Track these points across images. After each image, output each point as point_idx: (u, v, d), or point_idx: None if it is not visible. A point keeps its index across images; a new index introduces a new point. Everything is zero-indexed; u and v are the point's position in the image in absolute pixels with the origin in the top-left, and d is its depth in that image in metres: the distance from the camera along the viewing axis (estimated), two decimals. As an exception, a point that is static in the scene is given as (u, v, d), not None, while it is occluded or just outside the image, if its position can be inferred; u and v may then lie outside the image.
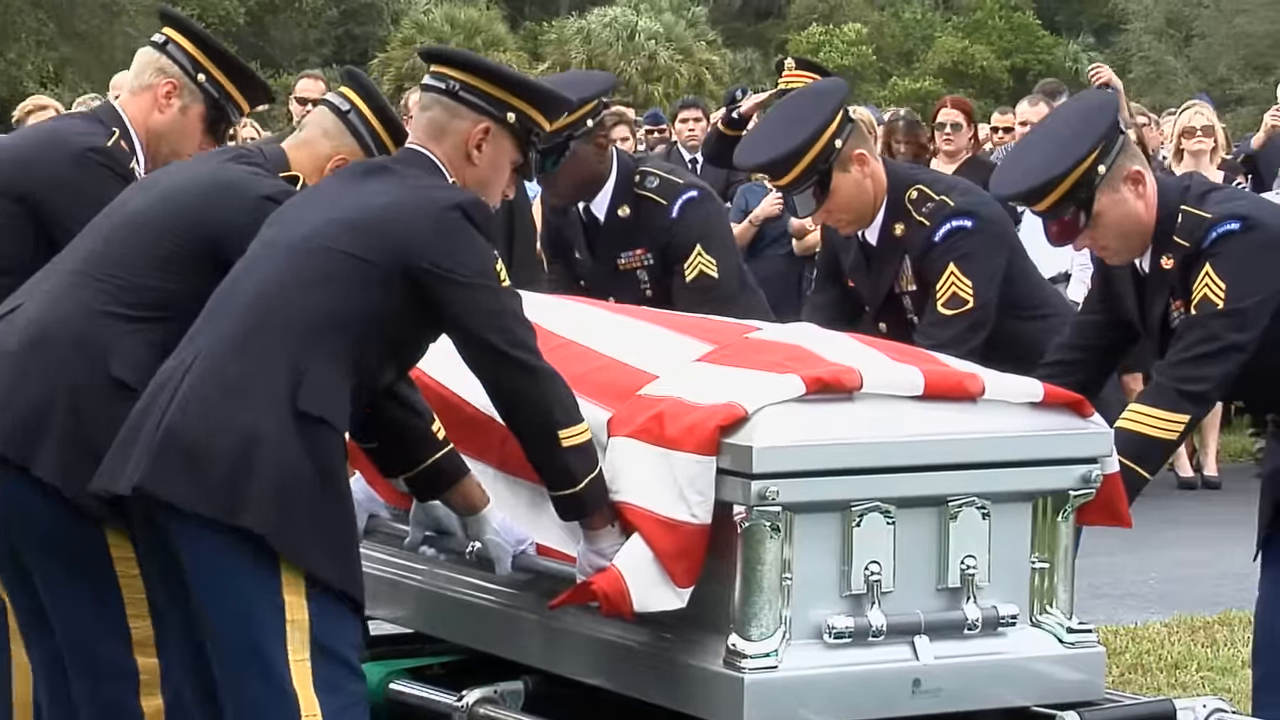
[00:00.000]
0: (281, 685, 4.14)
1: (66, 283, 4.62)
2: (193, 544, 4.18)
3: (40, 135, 5.29)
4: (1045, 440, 4.49)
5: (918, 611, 4.37)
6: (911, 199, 5.65)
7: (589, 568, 4.38)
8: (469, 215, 4.29)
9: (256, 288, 4.29)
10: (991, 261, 5.59)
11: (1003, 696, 4.45)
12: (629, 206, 6.24)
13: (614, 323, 5.05)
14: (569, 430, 4.30)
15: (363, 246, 4.25)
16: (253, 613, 4.14)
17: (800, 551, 4.28)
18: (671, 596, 4.30)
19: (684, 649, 4.37)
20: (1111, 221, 4.99)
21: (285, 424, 4.15)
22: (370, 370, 4.31)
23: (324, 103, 4.93)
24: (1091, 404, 4.62)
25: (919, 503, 4.37)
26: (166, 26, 5.21)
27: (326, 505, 4.20)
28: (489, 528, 4.58)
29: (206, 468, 4.13)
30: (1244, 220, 4.95)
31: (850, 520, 4.31)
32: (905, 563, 4.36)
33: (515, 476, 4.67)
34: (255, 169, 4.70)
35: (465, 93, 4.44)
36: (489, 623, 4.82)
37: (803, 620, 4.29)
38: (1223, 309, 4.88)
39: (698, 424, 4.29)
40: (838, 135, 5.57)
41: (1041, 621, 4.51)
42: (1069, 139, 5.01)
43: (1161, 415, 4.88)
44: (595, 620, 4.48)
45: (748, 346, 4.72)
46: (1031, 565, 4.50)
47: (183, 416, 4.17)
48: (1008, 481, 4.44)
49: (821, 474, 4.29)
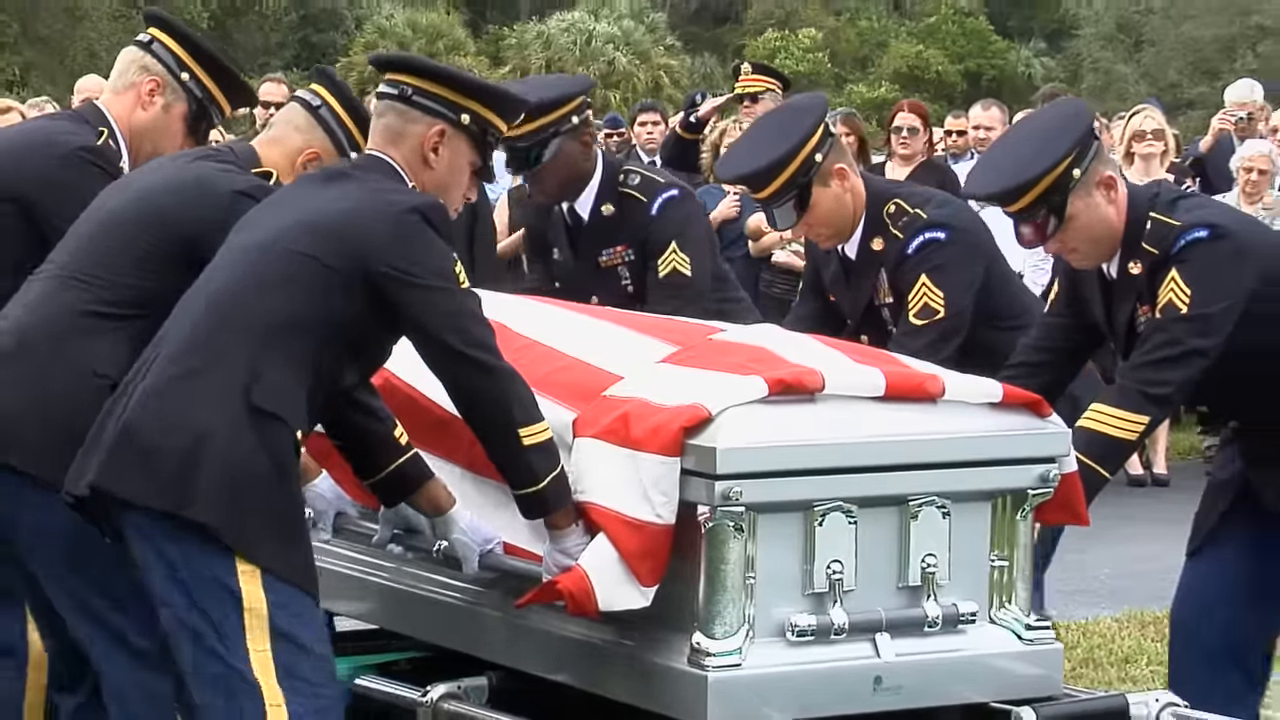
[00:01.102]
0: (243, 676, 4.12)
1: (50, 286, 4.61)
2: (146, 539, 4.18)
3: (29, 136, 5.26)
4: (1004, 440, 4.48)
5: (879, 609, 4.36)
6: (889, 213, 5.64)
7: (555, 567, 4.37)
8: (427, 218, 4.28)
9: (216, 290, 4.28)
10: (965, 272, 5.58)
11: (963, 693, 4.45)
12: (612, 204, 6.24)
13: (577, 323, 5.04)
14: (529, 428, 4.29)
15: (322, 250, 4.24)
16: (208, 604, 4.13)
17: (763, 551, 4.26)
18: (636, 595, 4.29)
19: (649, 647, 4.35)
20: (1083, 225, 4.99)
21: (238, 419, 4.14)
22: (330, 372, 4.30)
23: (295, 99, 4.93)
24: (1052, 404, 4.61)
25: (880, 502, 4.37)
26: (152, 26, 5.18)
27: (277, 498, 4.19)
28: (456, 528, 4.57)
29: (158, 463, 4.13)
30: (1212, 228, 4.95)
31: (813, 520, 4.30)
32: (867, 561, 4.35)
33: (483, 476, 4.65)
34: (226, 166, 4.68)
35: (418, 96, 4.43)
36: (455, 620, 4.80)
37: (766, 618, 4.28)
38: (1187, 314, 4.89)
39: (662, 425, 4.28)
40: (818, 149, 5.56)
41: (1000, 619, 4.50)
42: (1045, 143, 5.02)
43: (1123, 416, 4.89)
44: (561, 618, 4.46)
45: (711, 348, 4.71)
46: (990, 563, 4.49)
47: (138, 414, 4.17)
48: (967, 481, 4.44)
49: (784, 474, 4.28)
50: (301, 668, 4.17)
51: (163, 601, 4.20)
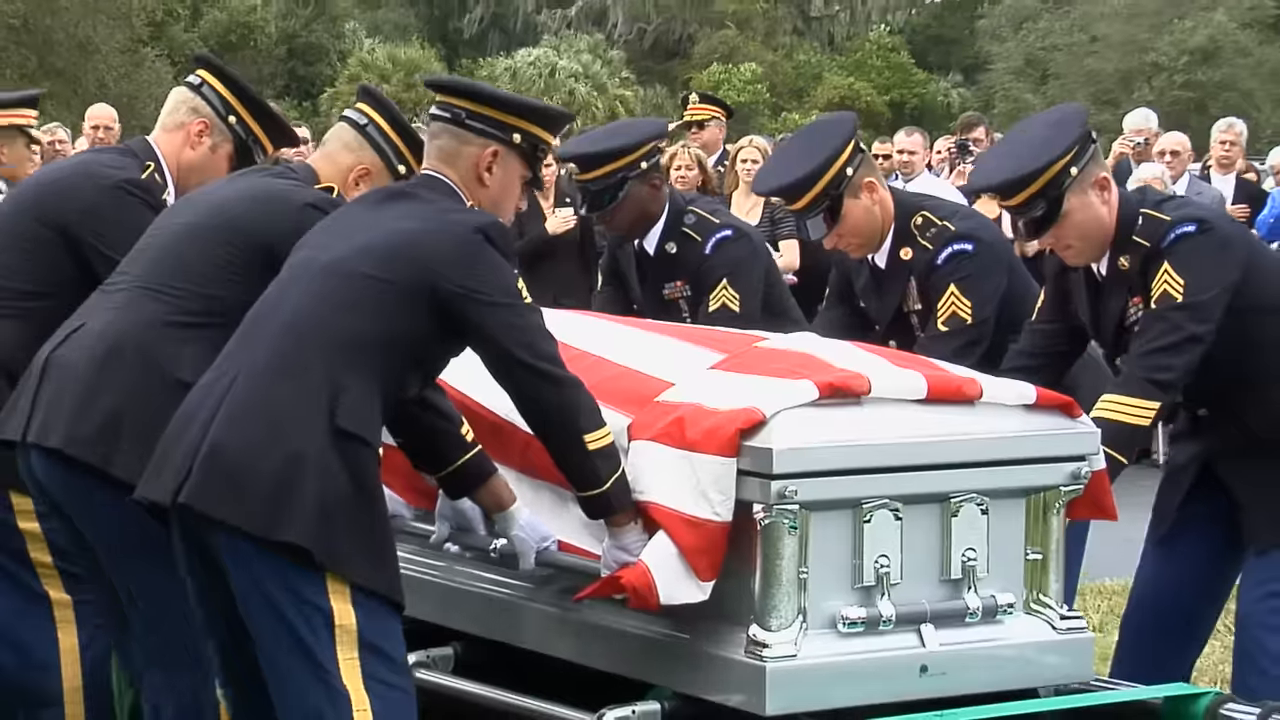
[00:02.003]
0: (333, 684, 3.90)
1: (128, 298, 4.40)
2: (240, 559, 3.94)
3: (76, 168, 5.02)
4: (1038, 440, 4.30)
5: (924, 601, 4.18)
6: (917, 224, 5.45)
7: (614, 563, 4.16)
8: (490, 238, 4.07)
9: (291, 311, 4.05)
10: (990, 283, 5.39)
11: (1001, 680, 4.26)
12: (675, 243, 6.12)
13: (627, 335, 4.83)
14: (593, 434, 4.09)
15: (391, 271, 4.02)
16: (301, 620, 3.90)
17: (816, 547, 4.08)
18: (695, 590, 4.08)
19: (707, 639, 4.15)
20: (1077, 222, 4.85)
21: (325, 443, 3.91)
22: (399, 384, 4.09)
23: (343, 118, 4.72)
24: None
25: (924, 500, 4.18)
26: (201, 69, 4.99)
27: (365, 516, 3.96)
28: (515, 524, 4.35)
29: (252, 487, 3.89)
30: (1199, 222, 4.84)
31: (861, 517, 4.11)
32: (912, 556, 4.17)
33: (537, 478, 4.45)
34: (293, 181, 4.51)
35: (471, 119, 4.23)
36: (517, 616, 4.58)
37: (818, 611, 4.09)
38: (1183, 302, 4.75)
39: (718, 427, 4.09)
40: (849, 164, 5.37)
41: (1035, 610, 4.32)
42: (1044, 141, 4.88)
43: (1136, 403, 4.73)
44: (619, 613, 4.26)
45: (758, 355, 4.52)
46: (1026, 557, 4.30)
47: (227, 437, 3.93)
48: (1004, 479, 4.26)
49: (835, 474, 4.10)
50: (384, 673, 3.95)
51: (254, 613, 3.96)
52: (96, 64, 31.08)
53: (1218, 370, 4.83)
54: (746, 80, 41.26)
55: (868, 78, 43.44)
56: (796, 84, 44.21)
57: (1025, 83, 43.25)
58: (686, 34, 46.53)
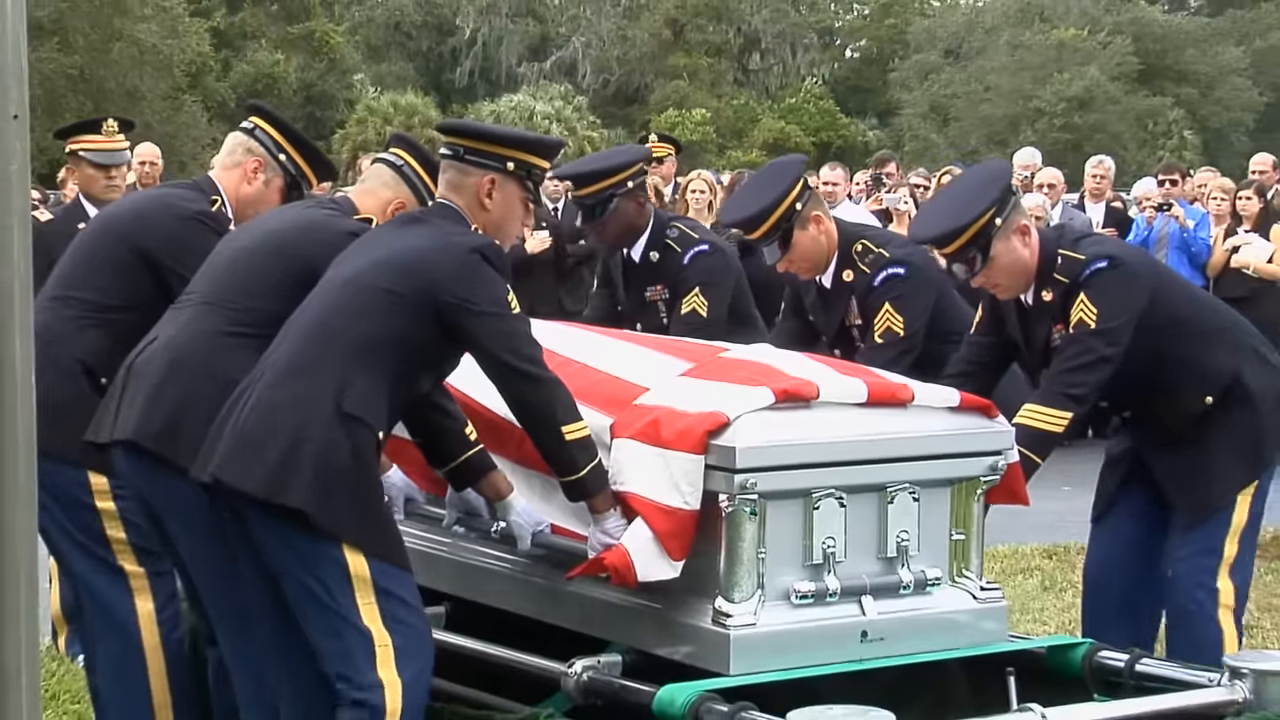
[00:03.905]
0: (356, 624, 3.87)
1: (194, 313, 4.34)
2: (265, 522, 3.91)
3: (155, 200, 4.95)
4: (961, 437, 4.24)
5: (864, 576, 4.11)
6: (857, 251, 5.39)
7: (598, 545, 4.09)
8: (485, 256, 4.02)
9: (314, 317, 4.04)
10: (920, 302, 5.34)
11: (931, 643, 4.19)
12: (657, 252, 6.08)
13: (606, 344, 4.74)
14: (570, 426, 4.03)
15: (399, 283, 3.98)
16: (320, 572, 3.88)
17: (771, 530, 4.02)
18: (668, 568, 4.02)
19: (679, 610, 4.09)
20: (1004, 265, 4.81)
21: (330, 423, 3.88)
22: (408, 381, 4.04)
23: (380, 159, 4.66)
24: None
25: (864, 489, 4.12)
26: (254, 115, 4.91)
27: (361, 486, 3.92)
28: (513, 511, 4.29)
29: (265, 459, 3.87)
30: (1110, 259, 4.80)
31: (811, 504, 4.05)
32: (854, 537, 4.10)
33: (529, 469, 4.37)
34: (335, 212, 4.46)
35: (469, 154, 4.18)
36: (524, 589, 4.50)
37: (774, 585, 4.03)
38: (1096, 328, 4.72)
39: (689, 429, 4.03)
40: (798, 200, 5.32)
41: (959, 582, 4.26)
42: (971, 198, 4.84)
43: (1051, 412, 4.70)
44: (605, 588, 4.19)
45: (722, 364, 4.44)
46: (951, 538, 4.24)
47: (250, 421, 3.92)
48: (933, 471, 4.19)
49: (789, 468, 4.03)
50: (400, 612, 3.91)
51: (281, 571, 3.94)
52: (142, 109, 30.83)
53: (1136, 383, 4.82)
54: (696, 123, 41.10)
55: (798, 121, 43.28)
56: (737, 126, 44.02)
57: (930, 125, 43.18)
58: (644, 83, 46.39)
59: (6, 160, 2.60)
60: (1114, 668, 4.26)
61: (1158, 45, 43.15)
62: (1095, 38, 42.08)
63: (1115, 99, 40.32)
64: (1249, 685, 4.06)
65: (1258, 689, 4.06)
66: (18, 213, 2.64)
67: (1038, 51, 41.68)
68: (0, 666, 2.66)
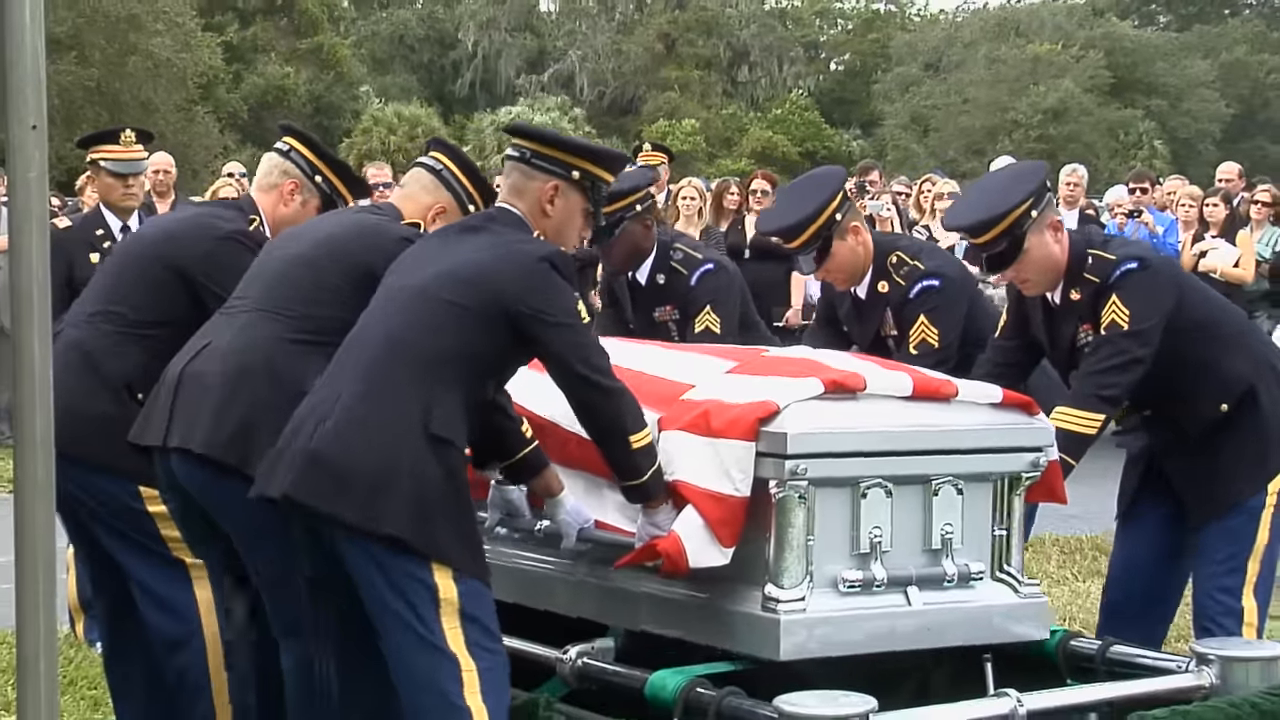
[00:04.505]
0: (443, 649, 3.68)
1: (250, 319, 4.18)
2: (354, 548, 3.72)
3: (194, 219, 4.82)
4: (1004, 433, 4.12)
5: (909, 567, 4.00)
6: (892, 263, 5.27)
7: (647, 535, 3.97)
8: (555, 266, 3.84)
9: (385, 334, 3.83)
10: (954, 312, 5.24)
11: (973, 635, 4.08)
12: (663, 274, 5.96)
13: (650, 351, 4.62)
14: (637, 434, 3.89)
15: (467, 297, 3.79)
16: (410, 597, 3.68)
17: (820, 518, 3.90)
18: (719, 555, 3.90)
19: (728, 597, 3.97)
20: (1035, 258, 4.67)
21: (420, 447, 3.69)
22: (479, 392, 3.86)
23: (419, 164, 4.50)
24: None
25: (910, 481, 4.00)
26: (288, 136, 4.77)
27: (456, 509, 3.73)
28: (563, 509, 4.17)
29: (354, 485, 3.67)
30: (1141, 260, 4.67)
31: (859, 494, 3.94)
32: (900, 528, 3.99)
33: (574, 469, 4.25)
34: (384, 217, 4.30)
35: (536, 159, 4.00)
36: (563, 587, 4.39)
37: (822, 573, 3.92)
38: (1129, 330, 4.59)
39: (740, 417, 3.91)
40: (838, 211, 5.19)
41: (1000, 577, 4.13)
42: (1007, 189, 4.71)
43: (1083, 415, 4.57)
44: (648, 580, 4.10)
45: (767, 361, 4.34)
46: (993, 533, 4.12)
47: (330, 445, 3.71)
48: (976, 465, 4.07)
49: (838, 455, 3.92)
50: (483, 639, 3.72)
51: (367, 596, 3.75)
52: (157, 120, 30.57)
53: (1158, 385, 4.69)
54: (687, 133, 40.95)
55: (785, 131, 43.15)
56: (726, 136, 43.89)
57: (911, 135, 43.11)
58: (638, 95, 46.26)
59: (26, 168, 2.65)
60: (1087, 654, 4.23)
61: (1129, 59, 43.15)
62: (1069, 52, 42.08)
63: (1088, 110, 40.31)
64: (1215, 671, 4.05)
65: (1224, 674, 4.05)
66: (36, 219, 2.69)
67: (1014, 65, 41.65)
68: (21, 654, 2.70)
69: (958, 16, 48.96)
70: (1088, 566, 8.49)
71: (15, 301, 2.70)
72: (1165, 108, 42.10)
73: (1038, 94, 39.97)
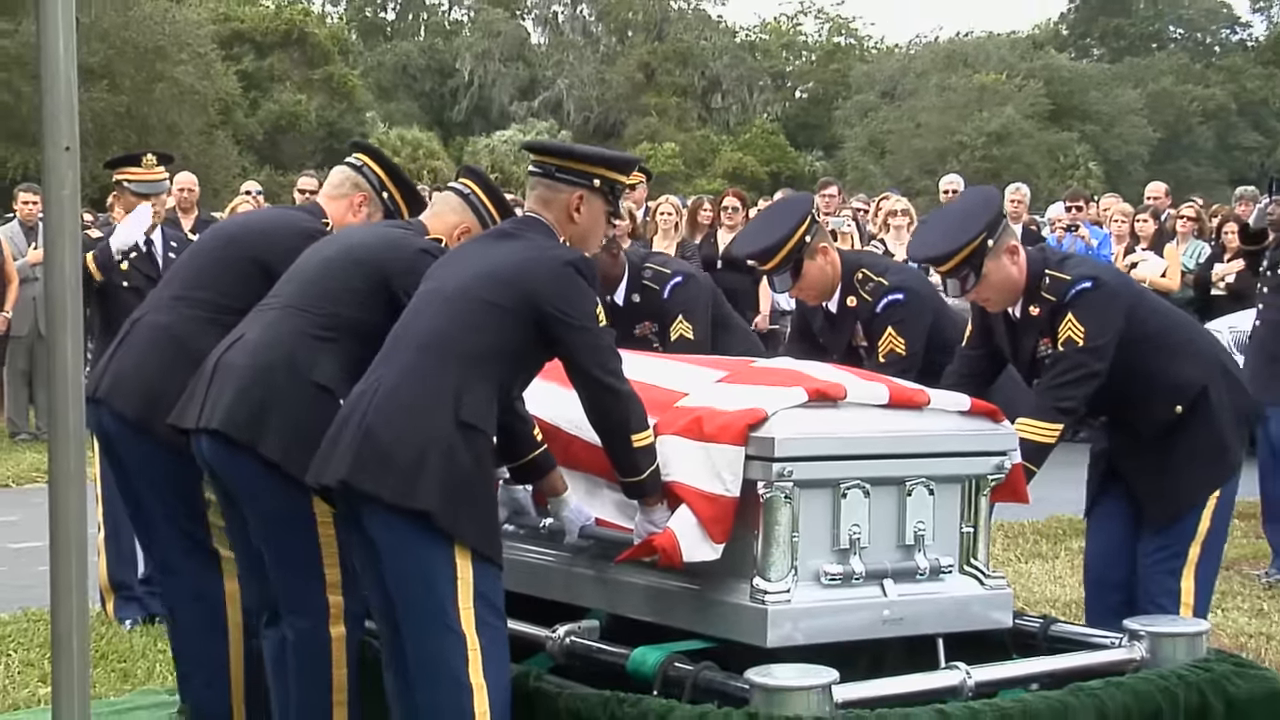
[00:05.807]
0: (455, 629, 3.64)
1: (279, 315, 4.17)
2: (384, 526, 3.68)
3: (276, 217, 4.92)
4: (971, 438, 4.08)
5: (885, 561, 3.96)
6: (859, 279, 5.24)
7: (644, 532, 3.93)
8: (579, 270, 3.82)
9: (426, 330, 3.80)
10: (919, 323, 5.19)
11: (943, 624, 4.03)
12: (638, 294, 5.96)
13: (647, 362, 4.56)
14: (639, 434, 3.85)
15: (503, 296, 3.77)
16: (433, 575, 3.64)
17: (804, 516, 3.86)
18: (710, 550, 3.86)
19: (719, 589, 3.93)
20: (995, 281, 4.64)
21: (451, 432, 3.65)
22: (508, 386, 3.84)
23: (449, 188, 4.50)
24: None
25: (886, 482, 3.96)
26: (360, 153, 4.75)
27: (480, 492, 3.70)
28: (567, 507, 4.13)
29: (393, 465, 3.64)
30: (1094, 279, 4.62)
31: (839, 494, 3.90)
32: (876, 526, 3.95)
33: (577, 470, 4.21)
34: (410, 231, 4.29)
35: (559, 172, 3.98)
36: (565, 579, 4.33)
37: (805, 567, 3.88)
38: (1084, 345, 4.54)
39: (730, 423, 3.87)
40: (808, 233, 5.15)
41: (968, 570, 4.10)
42: (967, 221, 4.66)
43: (1043, 425, 4.53)
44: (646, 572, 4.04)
45: (754, 371, 4.29)
46: (961, 530, 4.09)
47: (377, 429, 3.68)
48: (946, 468, 4.04)
49: (820, 459, 3.88)
50: (490, 616, 3.70)
51: (391, 572, 3.71)
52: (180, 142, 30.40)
53: (1112, 395, 4.65)
54: (667, 155, 40.91)
55: (753, 153, 43.13)
56: (700, 157, 43.91)
57: (869, 157, 43.13)
58: (620, 120, 46.20)
59: (59, 186, 2.70)
60: (1030, 631, 4.24)
61: (1066, 88, 43.25)
62: (1012, 81, 42.16)
63: (1029, 134, 40.40)
64: (1146, 646, 4.06)
65: (1154, 649, 4.06)
66: (69, 232, 2.74)
67: (962, 93, 41.70)
68: (55, 630, 2.74)
69: (911, 49, 48.99)
70: (1029, 549, 8.53)
71: (49, 308, 2.74)
72: (1099, 132, 42.20)
73: (983, 119, 40.04)
